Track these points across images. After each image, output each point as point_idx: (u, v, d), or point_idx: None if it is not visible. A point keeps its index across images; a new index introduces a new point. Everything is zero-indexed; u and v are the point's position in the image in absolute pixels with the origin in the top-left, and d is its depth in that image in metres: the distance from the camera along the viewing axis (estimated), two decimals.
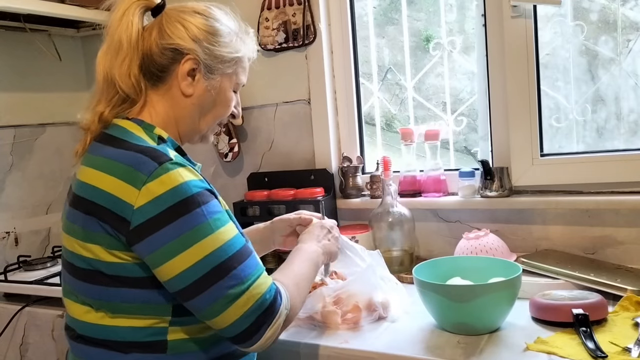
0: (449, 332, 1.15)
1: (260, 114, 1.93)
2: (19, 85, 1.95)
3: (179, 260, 0.85)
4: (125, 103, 0.99)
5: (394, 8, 1.88)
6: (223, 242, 0.87)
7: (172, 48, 0.97)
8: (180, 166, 0.88)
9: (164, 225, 0.85)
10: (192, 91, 1.00)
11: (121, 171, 0.87)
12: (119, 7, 0.98)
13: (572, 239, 1.50)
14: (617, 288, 1.22)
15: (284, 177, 1.85)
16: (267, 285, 0.90)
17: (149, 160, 0.87)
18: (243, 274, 0.88)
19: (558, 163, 1.54)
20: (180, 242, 0.85)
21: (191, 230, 0.85)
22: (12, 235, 1.90)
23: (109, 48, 0.98)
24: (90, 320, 0.92)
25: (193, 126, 1.04)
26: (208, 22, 1.00)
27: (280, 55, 1.86)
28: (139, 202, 0.85)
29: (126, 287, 0.89)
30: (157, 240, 0.85)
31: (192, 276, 0.85)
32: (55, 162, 2.04)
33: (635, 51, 1.54)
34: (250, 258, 0.90)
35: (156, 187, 0.85)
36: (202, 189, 0.89)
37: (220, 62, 1.01)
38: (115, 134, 0.95)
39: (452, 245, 1.51)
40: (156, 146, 0.92)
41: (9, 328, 1.63)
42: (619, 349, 1.00)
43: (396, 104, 1.92)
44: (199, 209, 0.86)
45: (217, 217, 0.88)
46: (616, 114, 1.58)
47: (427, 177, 1.68)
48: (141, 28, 0.98)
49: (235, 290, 0.86)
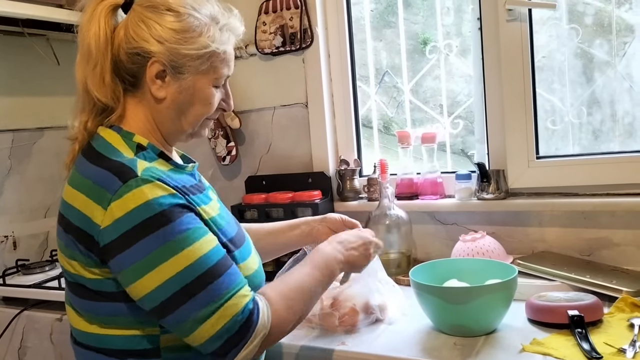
0: (446, 334, 1.15)
1: (258, 117, 1.93)
2: (17, 90, 1.95)
3: (147, 280, 0.83)
4: (105, 112, 0.96)
5: (390, 11, 1.89)
6: (192, 261, 0.84)
7: (136, 52, 0.92)
8: (146, 182, 0.84)
9: (130, 245, 0.82)
10: (164, 94, 0.95)
11: (90, 189, 0.86)
12: (87, 9, 0.93)
13: (568, 241, 1.51)
14: (613, 289, 1.23)
15: (281, 180, 1.86)
16: (241, 305, 0.86)
17: (113, 178, 0.85)
18: (214, 294, 0.84)
19: (554, 165, 1.55)
20: (146, 262, 0.83)
21: (156, 250, 0.83)
22: (11, 239, 1.90)
23: (82, 55, 0.94)
24: (85, 330, 0.93)
25: (175, 128, 0.99)
26: (175, 19, 0.92)
27: (278, 59, 1.87)
28: (105, 221, 0.83)
29: (110, 301, 0.88)
30: (124, 260, 0.83)
31: (160, 296, 0.83)
32: (54, 166, 2.04)
33: (630, 54, 1.55)
34: (225, 275, 0.86)
35: (120, 206, 0.83)
36: (170, 205, 0.85)
37: (189, 61, 0.93)
38: (95, 146, 0.93)
39: (449, 247, 1.52)
40: (125, 161, 0.88)
41: (8, 332, 1.63)
42: (614, 350, 1.01)
43: (393, 107, 1.92)
44: (162, 228, 0.83)
45: (185, 236, 0.84)
46: (611, 116, 1.59)
47: (424, 179, 1.69)
48: (109, 31, 0.93)
49: (205, 310, 0.83)
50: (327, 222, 1.25)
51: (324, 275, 1.02)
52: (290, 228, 1.27)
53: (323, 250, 1.06)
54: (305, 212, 1.73)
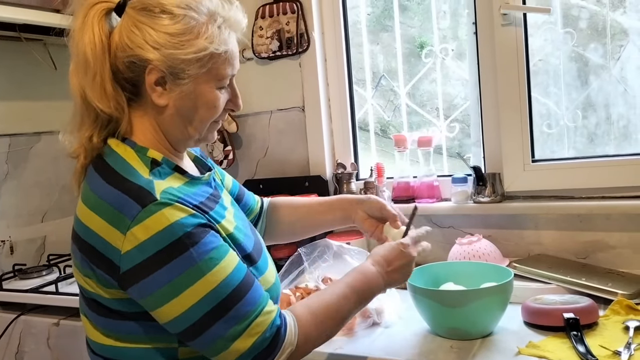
0: (442, 337, 1.16)
1: (255, 121, 1.94)
2: (14, 94, 1.95)
3: (173, 305, 0.81)
4: (111, 124, 0.90)
5: (387, 15, 1.90)
6: (217, 283, 0.82)
7: (132, 60, 0.86)
8: (165, 206, 0.81)
9: (153, 272, 0.80)
10: (165, 101, 0.89)
11: (108, 213, 0.82)
12: (78, 15, 0.87)
13: (564, 244, 1.51)
14: (608, 292, 1.24)
15: (278, 183, 1.86)
16: (269, 321, 0.85)
17: (133, 203, 0.81)
18: (241, 313, 0.83)
19: (549, 169, 1.55)
20: (172, 288, 0.80)
21: (182, 274, 0.80)
22: (8, 243, 1.90)
23: (77, 65, 0.88)
24: (101, 342, 0.90)
25: (182, 135, 0.94)
26: (170, 22, 0.86)
27: (275, 63, 1.87)
28: (125, 247, 0.80)
29: (126, 320, 0.86)
30: (148, 287, 0.81)
31: (188, 320, 0.81)
32: (51, 170, 2.04)
33: (624, 57, 1.56)
34: (250, 293, 0.85)
35: (140, 232, 0.80)
36: (191, 227, 0.82)
37: (188, 65, 0.87)
38: (110, 163, 0.88)
39: (446, 250, 1.52)
40: (142, 182, 0.84)
41: (5, 336, 1.62)
42: (610, 352, 1.01)
43: (390, 111, 1.93)
44: (187, 252, 0.80)
45: (209, 257, 0.82)
46: (606, 119, 1.60)
47: (421, 183, 1.69)
48: (105, 37, 0.87)
49: (233, 330, 0.82)
50: (366, 207, 1.16)
51: (362, 298, 0.97)
52: (327, 210, 1.20)
53: (367, 272, 0.99)
54: None
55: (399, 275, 1.03)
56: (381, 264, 1.01)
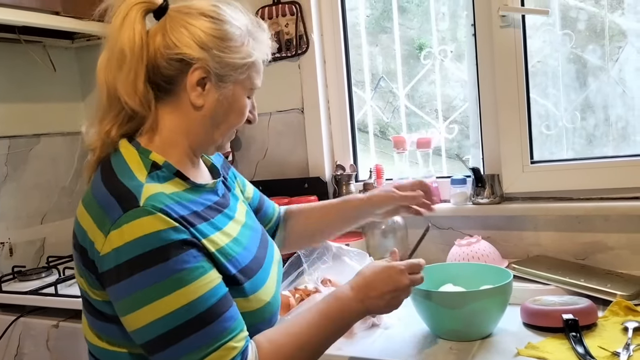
0: (442, 339, 1.16)
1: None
2: (14, 96, 1.95)
3: (139, 315, 0.79)
4: (132, 121, 0.91)
5: (386, 17, 1.90)
6: (185, 303, 0.79)
7: (178, 58, 0.88)
8: (148, 214, 0.79)
9: (125, 278, 0.79)
10: (202, 102, 0.91)
11: (95, 213, 0.83)
12: (119, 13, 0.89)
13: (563, 245, 1.52)
14: (607, 293, 1.24)
15: (278, 185, 1.86)
16: (233, 354, 0.80)
17: (116, 206, 0.81)
18: (203, 340, 0.80)
19: (548, 170, 1.56)
20: (140, 297, 0.79)
21: (151, 286, 0.78)
22: (7, 245, 1.90)
23: (110, 60, 0.89)
24: (95, 343, 0.91)
25: (206, 138, 0.95)
26: (216, 26, 0.90)
27: (274, 65, 1.87)
28: (104, 249, 0.80)
29: (111, 323, 0.86)
30: (118, 292, 0.80)
31: (150, 333, 0.79)
32: (50, 172, 2.05)
33: (623, 59, 1.56)
34: (218, 321, 0.81)
35: (117, 237, 0.79)
36: (169, 241, 0.79)
37: (232, 70, 0.91)
38: (112, 161, 0.89)
39: (445, 252, 1.52)
40: (131, 186, 0.83)
41: (4, 338, 1.62)
42: (608, 353, 1.02)
43: (389, 112, 1.93)
44: (157, 266, 0.78)
45: (182, 275, 0.79)
46: (605, 121, 1.61)
47: None
48: (144, 35, 0.88)
49: (192, 355, 0.79)
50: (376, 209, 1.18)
51: (337, 326, 0.92)
52: (344, 201, 1.22)
53: (344, 298, 0.93)
54: None
55: (383, 303, 0.95)
56: (361, 288, 0.94)
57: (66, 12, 1.74)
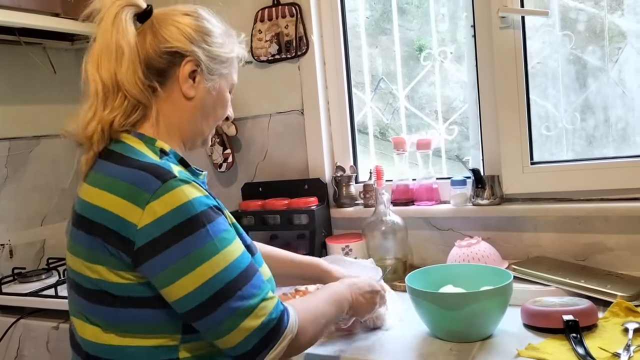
0: (442, 340, 1.16)
1: (254, 125, 1.94)
2: (14, 98, 1.95)
3: (185, 281, 0.83)
4: (135, 111, 0.95)
5: (386, 18, 1.90)
6: (228, 263, 0.85)
7: (170, 51, 0.95)
8: (184, 183, 0.86)
9: (169, 246, 0.82)
10: (194, 93, 0.98)
11: (124, 190, 0.85)
12: (108, 13, 0.94)
13: (563, 246, 1.52)
14: (607, 294, 1.24)
15: (278, 186, 1.86)
16: (272, 305, 0.88)
17: (152, 178, 0.85)
18: (248, 294, 0.86)
19: (548, 171, 1.56)
20: (186, 263, 0.83)
21: (196, 251, 0.83)
22: (7, 247, 1.90)
23: (103, 53, 0.93)
24: (100, 341, 0.90)
25: (196, 129, 1.02)
26: (201, 23, 0.99)
27: (274, 66, 1.88)
28: (143, 221, 0.83)
29: (134, 308, 0.87)
30: (162, 261, 0.83)
31: (198, 298, 0.83)
32: (50, 174, 2.05)
33: (622, 60, 1.56)
34: (255, 277, 0.88)
35: (160, 206, 0.83)
36: (207, 206, 0.86)
37: (219, 63, 1.00)
38: (118, 150, 0.92)
39: (445, 253, 1.52)
40: (159, 162, 0.89)
41: (4, 340, 1.62)
42: (609, 354, 1.02)
43: (389, 113, 1.93)
44: (203, 228, 0.84)
45: (222, 237, 0.86)
46: (605, 122, 1.61)
47: (420, 185, 1.69)
48: (135, 34, 0.95)
49: (241, 311, 0.85)
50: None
51: (337, 309, 1.05)
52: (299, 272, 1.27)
53: (338, 288, 1.09)
54: (301, 218, 1.74)
55: (364, 302, 1.12)
56: (351, 286, 1.11)
57: (66, 14, 1.74)
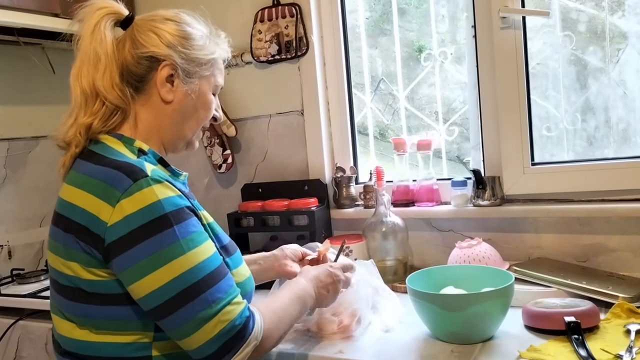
0: (443, 341, 1.15)
1: (254, 125, 1.94)
2: (13, 99, 1.95)
3: (149, 279, 0.84)
4: (114, 115, 0.98)
5: (386, 19, 1.90)
6: (194, 264, 0.86)
7: (147, 56, 0.97)
8: (156, 182, 0.87)
9: (136, 244, 0.84)
10: (172, 97, 1.00)
11: (96, 188, 0.87)
12: (88, 21, 0.97)
13: (564, 247, 1.51)
14: (609, 295, 1.23)
15: (277, 187, 1.86)
16: (238, 311, 0.88)
17: (123, 177, 0.86)
18: (213, 297, 0.86)
19: (549, 172, 1.55)
20: (151, 262, 0.84)
21: (162, 250, 0.84)
22: (6, 248, 1.90)
23: (84, 62, 0.97)
24: (75, 337, 0.92)
25: (177, 133, 1.03)
26: (180, 27, 1.00)
27: (274, 67, 1.87)
28: (113, 219, 0.84)
29: (106, 305, 0.89)
30: (129, 259, 0.84)
31: (162, 297, 0.84)
32: (49, 174, 2.04)
33: (623, 61, 1.56)
34: (223, 281, 0.89)
35: (129, 204, 0.84)
36: (177, 207, 0.87)
37: (197, 65, 1.01)
38: (96, 150, 0.95)
39: (446, 254, 1.52)
40: (133, 161, 0.91)
41: (3, 341, 1.62)
42: (611, 356, 1.01)
43: (389, 114, 1.93)
44: (171, 228, 0.85)
45: (190, 238, 0.87)
46: (606, 122, 1.60)
47: (420, 186, 1.69)
48: (114, 40, 0.98)
49: (203, 314, 0.85)
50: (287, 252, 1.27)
51: (301, 307, 1.06)
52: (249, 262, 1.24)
53: (301, 283, 1.10)
54: (301, 219, 1.74)
55: (327, 293, 1.13)
56: (313, 280, 1.11)
57: (65, 14, 1.74)
